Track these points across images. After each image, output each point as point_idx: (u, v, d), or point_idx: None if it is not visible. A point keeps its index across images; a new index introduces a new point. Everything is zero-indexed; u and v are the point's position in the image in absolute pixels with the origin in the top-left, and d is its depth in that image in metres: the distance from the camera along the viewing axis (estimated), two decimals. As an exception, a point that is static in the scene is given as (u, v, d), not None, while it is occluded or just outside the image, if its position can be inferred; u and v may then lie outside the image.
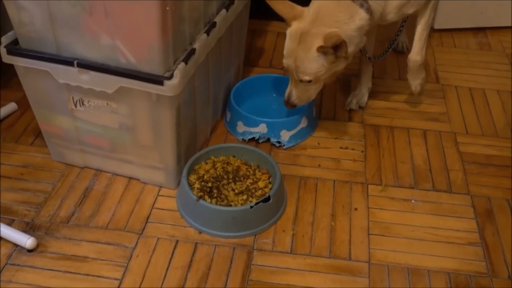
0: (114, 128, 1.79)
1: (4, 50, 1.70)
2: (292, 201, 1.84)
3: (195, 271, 1.61)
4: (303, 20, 1.77)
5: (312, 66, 1.78)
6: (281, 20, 1.75)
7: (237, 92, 2.17)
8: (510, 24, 2.79)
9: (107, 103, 1.72)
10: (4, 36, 1.72)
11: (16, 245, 1.67)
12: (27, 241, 1.65)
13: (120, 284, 1.58)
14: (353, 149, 2.05)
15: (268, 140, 2.06)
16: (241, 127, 2.08)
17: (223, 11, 1.92)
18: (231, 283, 1.58)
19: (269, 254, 1.67)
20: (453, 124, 2.19)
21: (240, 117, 2.07)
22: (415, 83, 2.13)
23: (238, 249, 1.68)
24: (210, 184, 1.79)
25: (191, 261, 1.64)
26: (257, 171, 1.87)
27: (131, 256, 1.65)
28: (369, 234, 1.73)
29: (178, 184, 1.85)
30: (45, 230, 1.73)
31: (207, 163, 1.88)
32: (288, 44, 1.81)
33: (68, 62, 1.66)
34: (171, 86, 1.60)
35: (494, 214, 1.81)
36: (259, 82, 2.27)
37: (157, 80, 1.60)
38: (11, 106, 2.19)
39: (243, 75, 2.38)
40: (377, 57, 2.14)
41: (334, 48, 1.73)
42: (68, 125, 1.84)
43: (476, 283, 1.60)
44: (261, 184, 1.81)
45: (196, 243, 1.70)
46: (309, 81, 1.83)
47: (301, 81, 1.84)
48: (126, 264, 1.63)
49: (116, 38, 1.59)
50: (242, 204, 1.74)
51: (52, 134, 1.91)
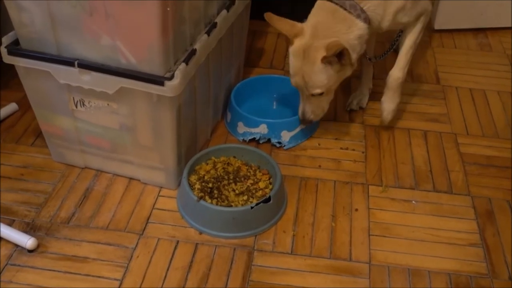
0: (115, 129, 1.79)
1: (5, 51, 1.70)
2: (293, 202, 1.84)
3: (196, 272, 1.61)
4: (304, 36, 1.78)
5: (321, 78, 1.79)
6: (282, 21, 1.75)
7: (238, 93, 2.17)
8: (511, 25, 2.79)
9: (108, 104, 1.72)
10: (5, 37, 1.72)
11: (17, 246, 1.67)
12: (28, 242, 1.65)
13: (121, 285, 1.57)
14: (354, 150, 2.05)
15: (269, 141, 2.06)
16: (242, 128, 2.07)
17: (224, 12, 1.92)
18: (232, 284, 1.58)
19: (270, 255, 1.67)
20: (454, 125, 2.19)
21: (241, 118, 2.07)
22: (388, 109, 2.04)
23: (239, 250, 1.68)
24: (211, 185, 1.79)
25: (192, 262, 1.64)
26: (258, 172, 1.87)
27: (132, 257, 1.65)
28: (370, 235, 1.73)
29: (179, 185, 1.85)
30: (46, 231, 1.73)
31: (208, 164, 1.88)
32: (293, 62, 1.82)
33: (69, 63, 1.66)
34: (172, 87, 1.60)
35: (495, 215, 1.81)
36: (260, 83, 2.27)
37: (158, 81, 1.60)
38: (12, 107, 2.19)
39: (244, 76, 2.38)
40: (378, 57, 2.14)
41: (338, 57, 1.75)
42: (69, 126, 1.84)
43: (477, 284, 1.60)
44: (262, 185, 1.81)
45: (197, 244, 1.70)
46: (321, 93, 1.85)
47: (313, 95, 1.86)
48: (127, 265, 1.63)
49: (117, 39, 1.59)
50: (243, 205, 1.74)
51: (53, 135, 1.91)
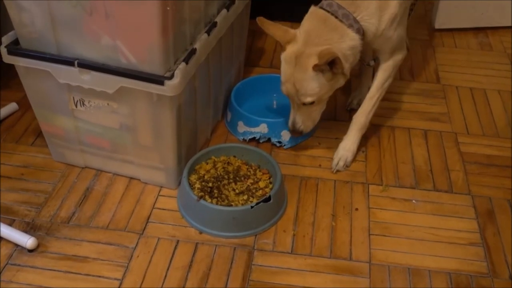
0: (115, 128, 1.79)
1: (5, 50, 1.70)
2: (293, 201, 1.84)
3: (196, 271, 1.61)
4: (296, 43, 1.75)
5: (312, 86, 1.75)
6: (283, 20, 1.75)
7: (238, 92, 2.17)
8: (511, 24, 2.78)
9: (108, 103, 1.72)
10: (5, 36, 1.72)
11: (17, 245, 1.67)
12: (28, 241, 1.65)
13: (121, 284, 1.57)
14: (354, 149, 2.05)
15: (269, 140, 2.06)
16: (242, 127, 2.07)
17: (224, 11, 1.92)
18: (232, 284, 1.58)
19: (270, 254, 1.67)
20: (454, 124, 2.19)
21: (241, 117, 2.07)
22: (343, 155, 1.94)
23: (239, 249, 1.68)
24: (211, 184, 1.79)
25: (192, 261, 1.64)
26: (258, 171, 1.87)
27: (132, 256, 1.65)
28: (370, 234, 1.73)
29: (179, 184, 1.85)
30: (46, 230, 1.73)
31: (208, 163, 1.88)
32: (285, 69, 1.78)
33: (69, 62, 1.66)
34: (172, 86, 1.60)
35: (495, 215, 1.81)
36: (260, 82, 2.27)
37: (158, 80, 1.60)
38: (12, 106, 2.19)
39: (244, 75, 2.38)
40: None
41: (330, 65, 1.71)
42: (69, 125, 1.84)
43: (477, 284, 1.60)
44: (262, 184, 1.81)
45: (197, 243, 1.70)
46: (312, 103, 1.81)
47: (304, 104, 1.82)
48: (127, 264, 1.63)
49: (117, 39, 1.59)
50: (243, 204, 1.74)
51: (53, 134, 1.91)
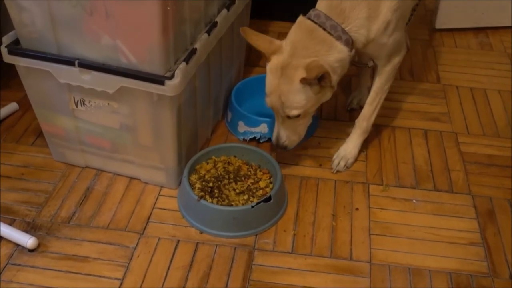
0: (115, 128, 1.79)
1: (5, 50, 1.70)
2: (293, 201, 1.84)
3: (196, 271, 1.61)
4: (282, 54, 1.68)
5: (298, 99, 1.68)
6: (283, 20, 1.75)
7: (238, 92, 2.17)
8: (511, 24, 2.78)
9: (108, 103, 1.72)
10: (5, 36, 1.72)
11: (17, 245, 1.67)
12: (28, 241, 1.65)
13: (121, 284, 1.57)
14: (354, 149, 2.05)
15: (269, 140, 2.06)
16: (242, 127, 2.07)
17: (224, 11, 1.92)
18: (232, 283, 1.58)
19: (270, 254, 1.67)
20: (454, 124, 2.19)
21: (241, 117, 2.07)
22: (344, 156, 1.95)
23: (239, 249, 1.68)
24: (211, 184, 1.79)
25: (192, 261, 1.64)
26: (258, 171, 1.87)
27: (132, 256, 1.65)
28: (370, 234, 1.73)
29: (179, 184, 1.85)
30: (46, 230, 1.73)
31: (208, 163, 1.88)
32: (270, 80, 1.72)
33: (69, 62, 1.66)
34: (172, 86, 1.60)
35: (496, 214, 1.80)
36: (260, 82, 2.24)
37: (158, 80, 1.60)
38: (12, 106, 2.19)
39: (244, 75, 2.38)
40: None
41: (318, 79, 1.65)
42: (69, 125, 1.84)
43: (478, 283, 1.60)
44: (262, 184, 1.81)
45: (197, 243, 1.70)
46: (297, 116, 1.73)
47: (289, 117, 1.74)
48: (127, 264, 1.63)
49: (117, 38, 1.59)
50: (243, 204, 1.74)
51: (53, 134, 1.91)
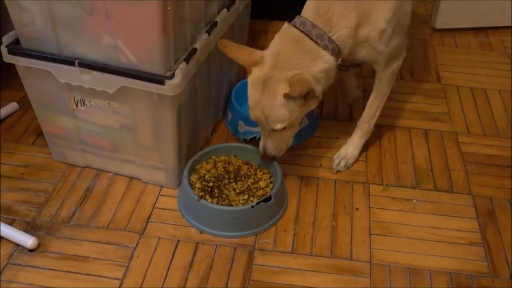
0: (115, 128, 1.79)
1: (5, 50, 1.70)
2: (293, 201, 1.84)
3: (196, 271, 1.61)
4: (263, 66, 1.60)
5: (283, 113, 1.60)
6: (283, 20, 1.74)
7: (238, 92, 2.17)
8: (511, 24, 2.78)
9: (108, 103, 1.72)
10: (5, 36, 1.72)
11: (17, 245, 1.67)
12: (28, 241, 1.65)
13: (121, 284, 1.57)
14: (355, 149, 2.05)
15: (269, 140, 2.06)
16: (242, 127, 2.07)
17: (224, 11, 1.92)
18: (232, 283, 1.58)
19: (270, 254, 1.67)
20: (455, 124, 2.19)
21: (241, 117, 2.07)
22: (344, 157, 1.95)
23: (239, 249, 1.68)
24: (211, 184, 1.79)
25: (192, 261, 1.64)
26: (258, 171, 1.87)
27: (132, 256, 1.65)
28: (371, 234, 1.73)
29: (179, 184, 1.85)
30: (46, 230, 1.73)
31: (208, 163, 1.88)
32: (252, 94, 1.64)
33: (69, 62, 1.66)
34: (172, 86, 1.60)
35: (496, 214, 1.80)
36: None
37: (158, 80, 1.60)
38: (12, 106, 2.19)
39: (244, 75, 2.37)
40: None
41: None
42: (69, 125, 1.84)
43: (478, 283, 1.60)
44: (262, 184, 1.81)
45: (197, 243, 1.70)
46: (283, 128, 1.66)
47: (274, 130, 1.67)
48: (127, 264, 1.63)
49: (117, 38, 1.59)
50: (243, 204, 1.74)
51: (53, 134, 1.91)
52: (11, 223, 1.74)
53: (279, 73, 1.58)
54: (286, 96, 1.56)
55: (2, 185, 1.87)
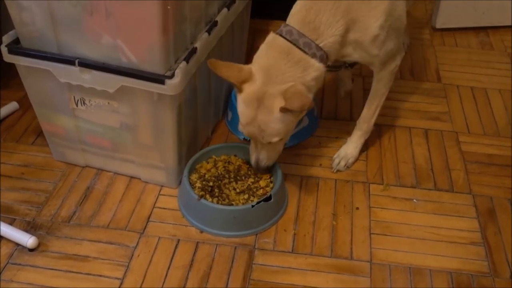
0: (115, 128, 1.79)
1: (6, 49, 1.70)
2: (294, 201, 1.84)
3: (196, 271, 1.61)
4: (254, 82, 1.57)
5: (280, 126, 1.59)
6: (283, 19, 1.73)
7: (239, 92, 2.17)
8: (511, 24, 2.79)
9: (108, 102, 1.72)
10: (5, 35, 1.72)
11: (18, 245, 1.67)
12: (29, 241, 1.65)
13: (121, 284, 1.57)
14: (355, 149, 2.05)
15: (269, 140, 2.06)
16: (243, 127, 2.07)
17: (225, 10, 1.92)
18: (233, 283, 1.58)
19: (271, 254, 1.67)
20: (455, 124, 2.18)
21: (242, 117, 2.07)
22: (344, 156, 1.95)
23: (240, 249, 1.68)
24: (212, 183, 1.79)
25: (192, 261, 1.64)
26: (259, 171, 1.87)
27: (132, 256, 1.65)
28: (371, 234, 1.73)
29: (179, 184, 1.85)
30: (47, 230, 1.73)
31: (209, 162, 1.88)
32: (246, 111, 1.60)
33: (70, 61, 1.66)
34: (172, 85, 1.60)
35: (496, 214, 1.80)
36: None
37: (158, 79, 1.60)
38: (12, 106, 2.19)
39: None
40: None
41: None
42: (69, 125, 1.84)
43: (478, 283, 1.60)
44: (263, 183, 1.81)
45: (197, 243, 1.70)
46: (280, 140, 1.66)
47: (270, 143, 1.66)
48: (127, 264, 1.63)
49: (117, 38, 1.59)
50: (244, 204, 1.74)
51: (53, 134, 1.91)
52: (11, 223, 1.74)
53: (273, 88, 1.56)
54: (284, 110, 1.55)
55: (2, 185, 1.87)
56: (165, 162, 1.82)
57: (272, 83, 1.56)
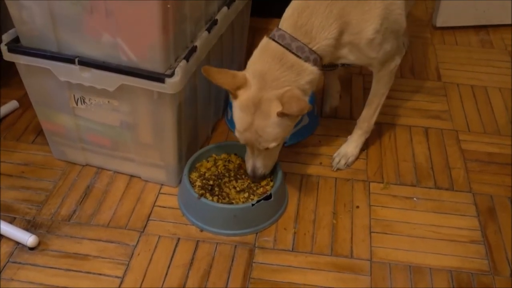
0: (115, 126, 1.79)
1: (5, 48, 1.70)
2: (294, 199, 1.84)
3: (197, 269, 1.61)
4: (249, 88, 1.57)
5: (277, 131, 1.59)
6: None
7: (239, 90, 2.17)
8: (512, 22, 2.79)
9: (108, 101, 1.72)
10: (5, 34, 1.72)
11: (18, 243, 1.67)
12: (29, 239, 1.65)
13: (122, 282, 1.57)
14: (355, 147, 2.05)
15: (270, 138, 2.06)
16: (243, 125, 2.07)
17: (224, 9, 1.91)
18: (233, 281, 1.58)
19: (271, 252, 1.67)
20: (455, 122, 2.18)
21: (242, 115, 2.07)
22: (345, 155, 1.96)
23: (240, 247, 1.68)
24: (212, 182, 1.79)
25: (193, 259, 1.64)
26: (259, 169, 1.87)
27: (133, 254, 1.65)
28: (371, 232, 1.73)
29: (180, 182, 1.85)
30: (47, 228, 1.73)
31: (209, 161, 1.88)
32: (242, 117, 1.60)
33: (69, 60, 1.66)
34: (172, 84, 1.60)
35: (496, 212, 1.80)
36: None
37: (158, 78, 1.60)
38: (12, 104, 2.19)
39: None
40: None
41: None
42: (70, 123, 1.84)
43: (478, 281, 1.60)
44: (263, 182, 1.81)
45: (198, 241, 1.70)
46: (276, 145, 1.66)
47: (267, 149, 1.66)
48: (128, 262, 1.63)
49: (117, 36, 1.59)
50: (244, 202, 1.74)
51: (54, 132, 1.91)
52: (12, 221, 1.74)
53: (269, 93, 1.55)
54: (281, 115, 1.54)
55: (3, 184, 1.87)
56: (165, 161, 1.82)
57: (268, 88, 1.55)
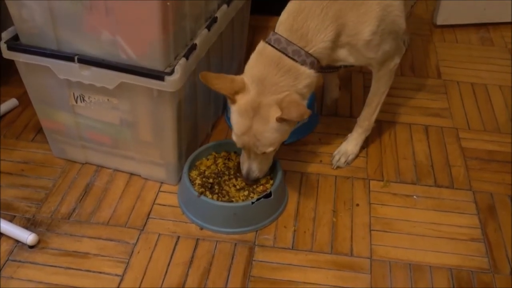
0: (115, 124, 1.79)
1: (5, 46, 1.70)
2: (294, 197, 1.84)
3: (197, 267, 1.61)
4: (248, 93, 1.57)
5: (275, 135, 1.60)
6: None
7: (238, 88, 2.16)
8: (512, 20, 2.79)
9: (108, 99, 1.72)
10: (5, 32, 1.72)
11: (17, 241, 1.67)
12: (28, 237, 1.65)
13: (121, 280, 1.57)
14: (355, 145, 2.05)
15: (270, 136, 2.05)
16: (243, 123, 2.07)
17: (224, 7, 1.91)
18: (233, 279, 1.58)
19: (271, 250, 1.67)
20: (455, 120, 2.18)
21: (242, 113, 2.06)
22: (344, 153, 1.96)
23: (240, 245, 1.68)
24: (211, 180, 1.79)
25: (192, 257, 1.64)
26: (259, 167, 1.87)
27: (132, 252, 1.65)
28: (371, 230, 1.73)
29: (179, 180, 1.85)
30: (46, 226, 1.72)
31: (208, 159, 1.88)
32: (240, 121, 1.60)
33: (69, 58, 1.65)
34: (172, 82, 1.60)
35: (496, 210, 1.80)
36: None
37: (158, 76, 1.59)
38: (12, 102, 2.19)
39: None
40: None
41: None
42: (69, 121, 1.84)
43: (478, 279, 1.60)
44: (262, 180, 1.81)
45: (197, 239, 1.70)
46: (273, 150, 1.67)
47: (264, 153, 1.67)
48: (128, 260, 1.63)
49: (117, 34, 1.59)
50: (244, 200, 1.74)
51: (53, 130, 1.91)
52: (11, 220, 1.73)
53: (268, 98, 1.55)
54: (280, 120, 1.54)
55: (2, 182, 1.87)
56: (165, 159, 1.82)
57: (267, 93, 1.55)
